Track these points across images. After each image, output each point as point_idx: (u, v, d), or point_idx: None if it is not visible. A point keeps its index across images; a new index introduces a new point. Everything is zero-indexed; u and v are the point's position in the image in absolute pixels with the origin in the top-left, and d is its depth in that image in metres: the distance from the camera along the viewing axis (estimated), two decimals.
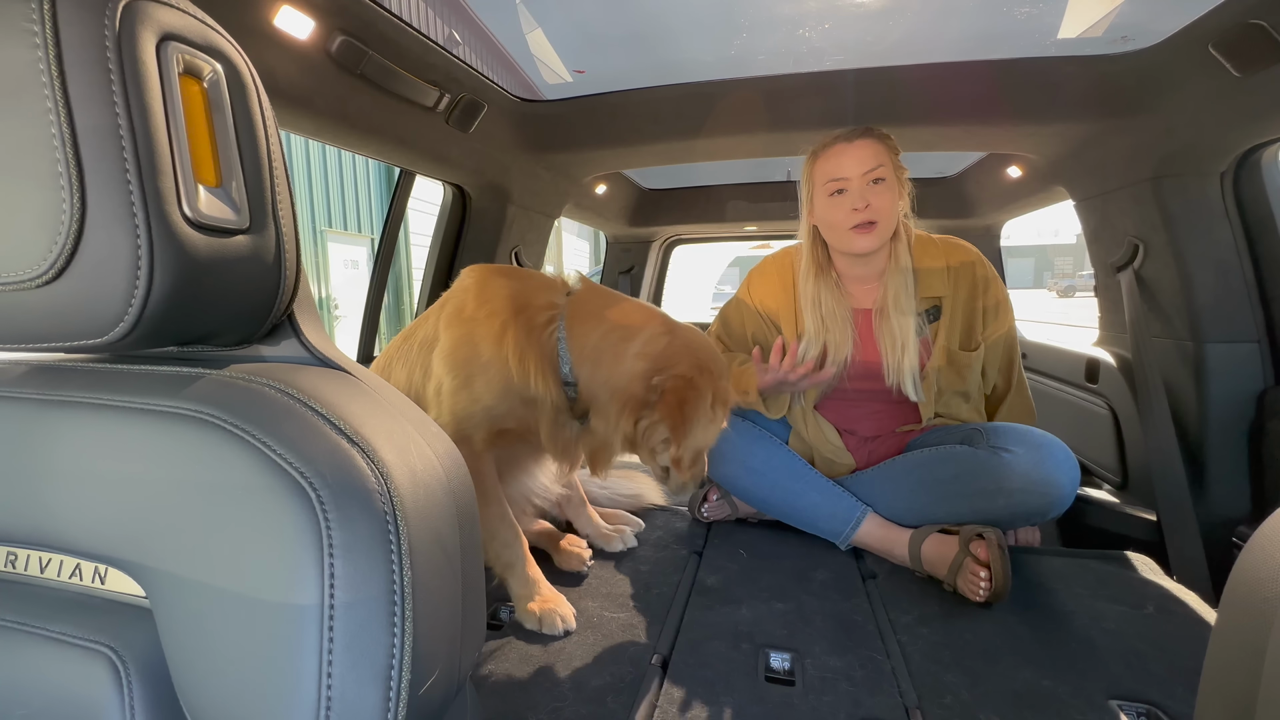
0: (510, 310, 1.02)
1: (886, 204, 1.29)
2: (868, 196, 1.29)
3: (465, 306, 1.06)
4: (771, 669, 0.93)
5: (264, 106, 0.41)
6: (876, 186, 1.29)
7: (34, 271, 0.33)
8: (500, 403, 1.03)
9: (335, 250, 7.94)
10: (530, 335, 1.01)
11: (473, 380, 1.03)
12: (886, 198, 1.29)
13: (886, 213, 1.30)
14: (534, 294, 1.05)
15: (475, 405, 1.03)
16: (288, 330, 0.46)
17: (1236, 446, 1.41)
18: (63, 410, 0.39)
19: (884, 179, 1.29)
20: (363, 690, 0.34)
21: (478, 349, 1.02)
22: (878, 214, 1.29)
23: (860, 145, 1.30)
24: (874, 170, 1.29)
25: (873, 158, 1.29)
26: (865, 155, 1.29)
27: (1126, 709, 0.84)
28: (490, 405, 1.03)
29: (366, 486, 0.36)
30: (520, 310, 1.03)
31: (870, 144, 1.30)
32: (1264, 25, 1.04)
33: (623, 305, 1.06)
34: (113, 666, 0.36)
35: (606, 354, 1.01)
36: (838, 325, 1.37)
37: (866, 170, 1.29)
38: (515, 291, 1.05)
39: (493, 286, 1.06)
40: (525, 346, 1.01)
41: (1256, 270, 1.40)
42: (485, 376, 1.02)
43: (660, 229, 3.12)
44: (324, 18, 1.05)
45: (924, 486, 1.28)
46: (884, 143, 1.31)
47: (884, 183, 1.29)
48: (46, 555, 0.41)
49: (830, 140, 1.34)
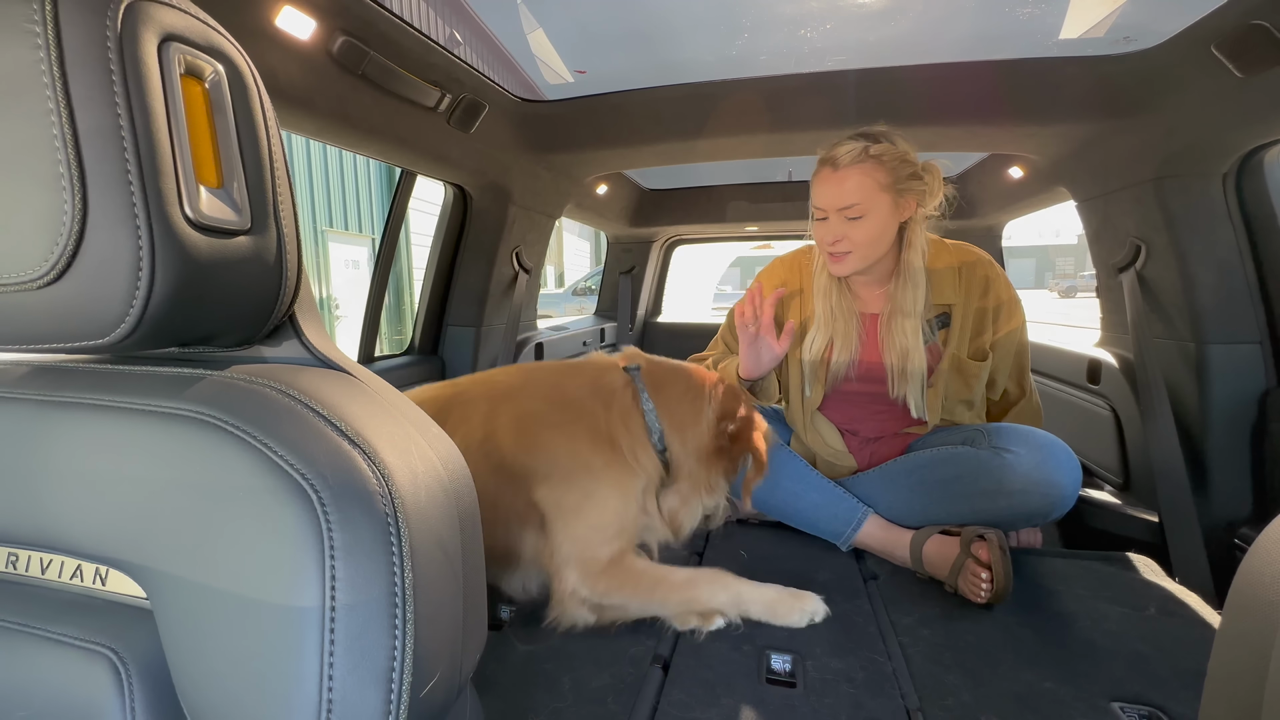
0: (597, 402, 1.00)
1: (862, 237, 1.26)
2: (842, 230, 1.27)
3: (538, 415, 0.99)
4: (772, 670, 0.93)
5: (265, 107, 0.41)
6: (853, 222, 1.26)
7: (35, 273, 0.33)
8: (633, 501, 0.99)
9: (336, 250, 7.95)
10: (629, 419, 1.00)
11: (593, 491, 0.96)
12: (863, 230, 1.26)
13: (862, 244, 1.27)
14: (602, 376, 1.04)
15: (609, 514, 0.97)
16: (289, 331, 0.46)
17: (1238, 448, 1.41)
18: (64, 411, 0.39)
19: (860, 216, 1.25)
20: (364, 692, 0.34)
21: (582, 457, 0.96)
22: (852, 245, 1.28)
23: (843, 176, 1.24)
24: (849, 209, 1.25)
25: (850, 194, 1.24)
26: (844, 191, 1.24)
27: (1128, 711, 0.83)
28: (625, 508, 0.99)
29: (368, 488, 0.36)
30: (605, 397, 1.01)
31: (853, 175, 1.23)
32: (1266, 26, 1.03)
33: (680, 368, 1.11)
34: (113, 668, 0.36)
35: (689, 417, 1.05)
36: (843, 323, 1.37)
37: (841, 207, 1.25)
38: (581, 382, 1.03)
39: (555, 381, 1.03)
40: (629, 433, 0.99)
41: (1259, 271, 1.40)
42: (607, 477, 0.97)
43: (661, 229, 3.12)
44: (325, 18, 1.05)
45: (925, 487, 1.28)
46: (875, 168, 1.23)
47: (861, 219, 1.25)
48: (47, 556, 0.41)
49: (823, 160, 1.29)
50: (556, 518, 0.95)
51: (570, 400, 0.99)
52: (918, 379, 1.32)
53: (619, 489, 0.96)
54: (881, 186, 1.24)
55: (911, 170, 1.26)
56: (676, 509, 1.08)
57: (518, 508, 0.96)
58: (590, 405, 0.99)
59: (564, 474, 0.95)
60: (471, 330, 1.96)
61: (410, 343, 2.03)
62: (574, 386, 1.01)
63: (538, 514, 0.96)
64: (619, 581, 0.95)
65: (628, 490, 0.97)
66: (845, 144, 1.25)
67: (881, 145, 1.24)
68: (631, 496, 0.98)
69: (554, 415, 0.98)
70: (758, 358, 1.36)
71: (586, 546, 0.94)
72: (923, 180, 1.27)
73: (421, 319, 1.98)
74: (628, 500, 0.97)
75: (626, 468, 0.98)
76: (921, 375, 1.32)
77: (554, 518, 0.95)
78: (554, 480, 0.95)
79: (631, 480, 0.98)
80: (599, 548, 0.95)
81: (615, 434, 0.98)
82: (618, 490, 0.96)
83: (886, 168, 1.23)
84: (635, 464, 0.98)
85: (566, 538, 0.94)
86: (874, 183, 1.24)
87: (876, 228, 1.26)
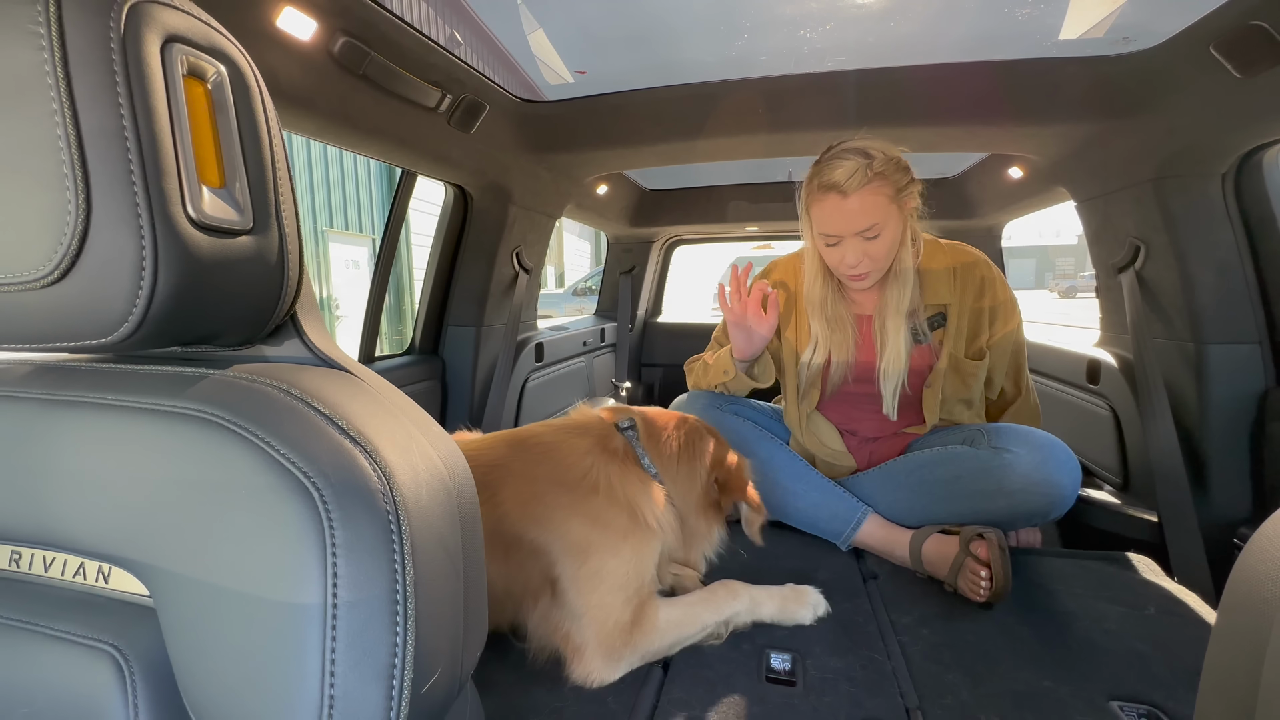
0: (609, 471, 0.97)
1: (882, 251, 1.25)
2: (861, 250, 1.25)
3: (546, 493, 0.94)
4: (772, 669, 0.93)
5: (267, 107, 0.41)
6: (871, 241, 1.24)
7: (39, 272, 0.34)
8: (649, 565, 0.97)
9: (336, 250, 7.95)
10: (639, 483, 0.98)
11: (614, 560, 0.93)
12: (882, 246, 1.24)
13: (882, 257, 1.26)
14: (603, 442, 1.01)
15: (631, 578, 0.94)
16: (290, 330, 0.46)
17: (1237, 448, 1.41)
18: (67, 410, 0.39)
19: (879, 234, 1.23)
20: (365, 689, 0.34)
21: (601, 529, 0.93)
22: (873, 264, 1.27)
23: (855, 200, 1.20)
24: (867, 230, 1.22)
25: (868, 216, 1.21)
26: (860, 215, 1.21)
27: (1127, 710, 0.84)
28: (646, 570, 0.96)
29: (369, 486, 0.36)
30: (612, 464, 0.98)
31: (865, 197, 1.20)
32: (1265, 27, 1.04)
33: (670, 421, 1.10)
34: (116, 665, 0.37)
35: (686, 473, 1.05)
36: (840, 329, 1.37)
37: (860, 230, 1.22)
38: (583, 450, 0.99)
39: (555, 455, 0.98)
40: (643, 496, 0.97)
41: (1258, 271, 1.40)
42: (627, 545, 0.94)
43: (661, 229, 3.12)
44: (326, 19, 1.06)
45: (925, 487, 1.28)
46: (881, 184, 1.20)
47: (879, 237, 1.23)
48: (50, 554, 0.41)
49: (826, 187, 1.23)
50: (572, 589, 0.91)
51: (578, 473, 0.96)
52: (894, 376, 1.32)
53: (638, 554, 0.94)
54: (890, 199, 1.22)
55: (906, 172, 1.25)
56: (684, 561, 1.10)
57: (532, 585, 0.92)
58: (600, 475, 0.96)
59: (581, 548, 0.91)
60: (472, 330, 1.97)
61: (410, 343, 2.03)
62: (577, 457, 0.97)
63: (551, 588, 0.92)
64: (642, 641, 0.93)
65: (648, 554, 0.96)
66: (842, 165, 1.20)
67: (877, 158, 1.21)
68: (652, 559, 0.97)
69: (564, 493, 0.94)
70: (748, 336, 1.36)
71: (608, 614, 0.91)
72: (914, 178, 1.27)
73: (422, 319, 1.99)
74: (649, 563, 0.96)
75: (648, 531, 0.96)
76: (899, 373, 1.31)
77: (570, 589, 0.91)
78: (572, 555, 0.91)
79: (654, 542, 0.96)
80: (620, 611, 0.91)
81: (632, 500, 0.96)
82: (637, 555, 0.94)
83: (889, 179, 1.21)
84: (656, 527, 0.97)
85: (587, 607, 0.90)
86: (884, 198, 1.22)
87: (894, 238, 1.25)
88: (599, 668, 0.89)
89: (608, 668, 0.90)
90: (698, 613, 1.00)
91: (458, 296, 1.98)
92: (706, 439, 1.11)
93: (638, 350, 3.32)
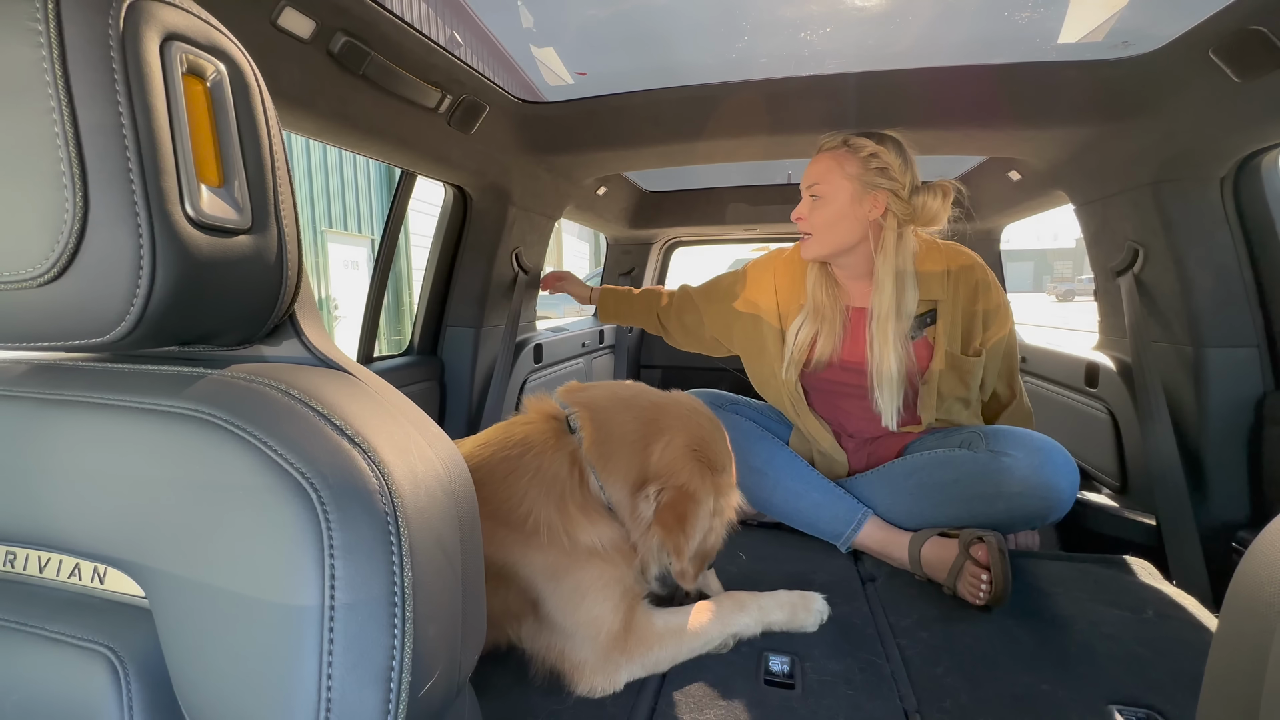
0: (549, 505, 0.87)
1: (818, 219, 1.33)
2: (806, 209, 1.36)
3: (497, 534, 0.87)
4: (771, 672, 0.93)
5: (267, 107, 0.41)
6: (814, 201, 1.34)
7: (36, 270, 0.33)
8: (624, 571, 0.92)
9: (335, 250, 7.94)
10: (587, 512, 0.89)
11: (580, 575, 0.88)
12: (819, 213, 1.33)
13: (819, 226, 1.33)
14: (543, 465, 0.89)
15: (603, 585, 0.89)
16: (289, 330, 0.46)
17: (1236, 451, 1.41)
18: (63, 409, 0.39)
19: (820, 196, 1.32)
20: (363, 691, 0.34)
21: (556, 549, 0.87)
22: (810, 227, 1.35)
23: (820, 159, 1.33)
24: (811, 186, 1.34)
25: (816, 173, 1.33)
26: (814, 169, 1.34)
27: (1125, 713, 0.83)
28: (620, 575, 0.91)
29: (367, 487, 0.36)
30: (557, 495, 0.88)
31: (825, 158, 1.32)
32: (1264, 31, 1.04)
33: (621, 414, 0.94)
34: (111, 666, 0.36)
35: (630, 484, 0.91)
36: (829, 317, 1.39)
37: (807, 185, 1.35)
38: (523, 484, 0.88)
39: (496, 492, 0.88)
40: (593, 528, 0.89)
41: (1256, 275, 1.40)
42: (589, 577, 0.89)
43: (661, 231, 3.12)
44: (326, 18, 1.05)
45: (923, 490, 1.28)
46: (847, 157, 1.30)
47: (819, 199, 1.32)
48: (46, 555, 0.41)
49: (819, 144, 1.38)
50: (557, 610, 0.88)
51: (520, 516, 0.87)
52: (889, 384, 1.31)
53: (605, 583, 0.89)
54: (846, 175, 1.30)
55: (882, 168, 1.28)
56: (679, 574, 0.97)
57: (511, 607, 0.89)
58: (540, 517, 0.87)
59: (551, 571, 0.87)
60: (471, 331, 1.96)
61: (409, 343, 2.02)
62: (517, 497, 0.88)
63: (533, 609, 0.89)
64: (639, 648, 0.91)
65: (614, 581, 0.90)
66: (839, 134, 1.34)
67: (864, 140, 1.30)
68: (619, 582, 0.91)
69: (511, 532, 0.87)
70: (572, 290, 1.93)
71: (599, 626, 0.88)
72: (896, 181, 1.28)
73: (421, 319, 1.98)
74: (623, 569, 0.92)
75: (606, 562, 0.90)
76: (894, 382, 1.31)
77: (554, 611, 0.88)
78: (544, 577, 0.88)
79: (614, 570, 0.91)
80: (611, 619, 0.89)
81: (577, 540, 0.88)
82: (604, 584, 0.89)
83: (858, 159, 1.29)
84: (617, 556, 0.91)
85: (577, 625, 0.88)
86: (840, 169, 1.30)
87: (832, 213, 1.31)
88: (601, 682, 0.88)
89: (609, 680, 0.89)
90: (702, 624, 0.97)
91: (457, 297, 1.98)
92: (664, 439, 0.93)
93: (636, 351, 3.32)
